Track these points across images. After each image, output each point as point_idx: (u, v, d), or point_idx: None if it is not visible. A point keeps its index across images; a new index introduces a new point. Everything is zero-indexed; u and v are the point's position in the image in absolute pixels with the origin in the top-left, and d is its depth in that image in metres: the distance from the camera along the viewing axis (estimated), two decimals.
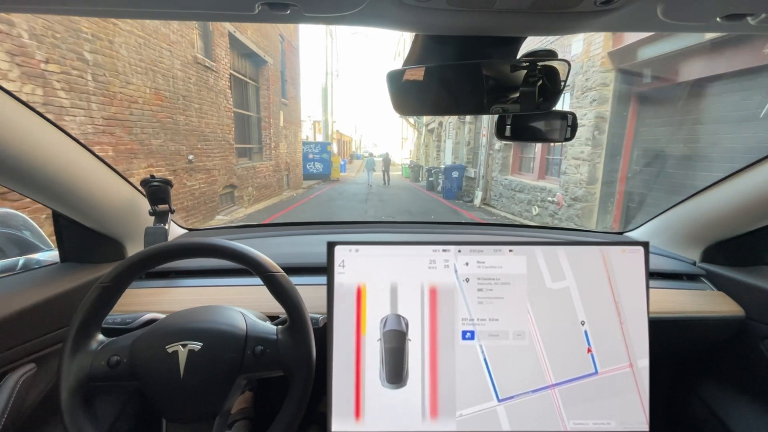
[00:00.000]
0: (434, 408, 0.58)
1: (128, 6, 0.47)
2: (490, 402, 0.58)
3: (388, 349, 0.59)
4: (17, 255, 1.10)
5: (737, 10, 0.42)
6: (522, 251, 0.60)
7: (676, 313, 0.82)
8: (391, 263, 0.60)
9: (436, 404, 0.58)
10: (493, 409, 0.58)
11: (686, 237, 0.98)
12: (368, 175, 16.07)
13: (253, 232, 1.21)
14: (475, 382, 0.58)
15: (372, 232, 1.17)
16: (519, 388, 0.58)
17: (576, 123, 0.67)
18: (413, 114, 0.78)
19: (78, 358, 0.54)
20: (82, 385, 0.53)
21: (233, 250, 0.58)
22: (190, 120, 5.70)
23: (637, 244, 0.61)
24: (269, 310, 0.73)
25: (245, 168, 8.09)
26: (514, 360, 0.59)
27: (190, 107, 5.70)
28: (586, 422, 0.58)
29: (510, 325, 0.59)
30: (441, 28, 0.51)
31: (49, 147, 0.65)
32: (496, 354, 0.59)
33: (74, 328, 0.54)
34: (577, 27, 0.49)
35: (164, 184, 0.89)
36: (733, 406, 0.85)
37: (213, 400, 0.55)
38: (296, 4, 0.42)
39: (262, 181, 9.11)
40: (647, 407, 0.59)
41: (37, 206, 0.76)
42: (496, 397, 0.58)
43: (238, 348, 0.56)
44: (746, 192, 0.79)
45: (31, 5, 0.49)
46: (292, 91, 12.28)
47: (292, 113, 12.28)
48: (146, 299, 0.81)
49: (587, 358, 0.59)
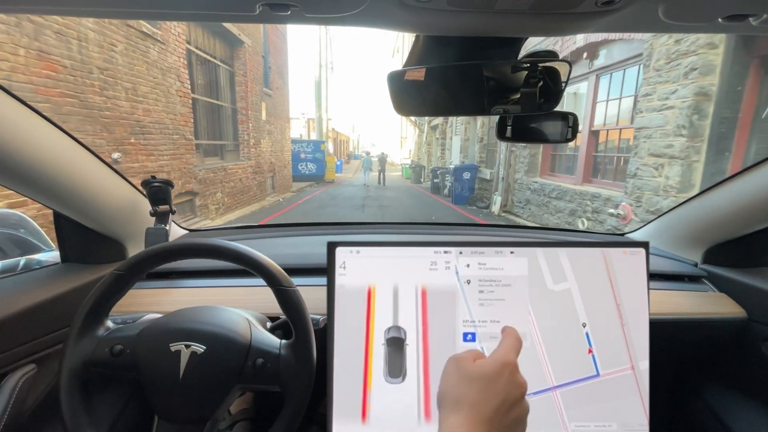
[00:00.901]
0: (434, 407, 0.57)
1: (128, 6, 0.47)
2: None
3: (389, 351, 0.59)
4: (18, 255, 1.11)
5: (738, 10, 0.42)
6: (523, 252, 0.60)
7: (678, 315, 0.82)
8: (392, 264, 0.60)
9: (436, 404, 0.58)
10: None
11: (688, 238, 0.97)
12: (365, 175, 15.78)
13: (253, 232, 1.21)
14: None
15: (373, 232, 1.17)
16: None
17: (577, 124, 0.67)
18: (414, 115, 0.78)
19: (83, 341, 0.55)
20: (83, 368, 0.54)
21: (254, 260, 0.58)
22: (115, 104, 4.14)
23: (638, 245, 0.61)
24: (270, 311, 0.73)
25: (212, 170, 6.57)
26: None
27: (115, 86, 4.14)
28: (587, 424, 0.58)
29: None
30: (442, 28, 0.51)
31: (51, 147, 0.65)
32: None
33: (84, 311, 0.55)
34: (578, 28, 0.49)
35: (165, 185, 0.89)
36: (735, 408, 0.85)
37: (206, 405, 0.55)
38: (297, 4, 0.42)
39: (237, 185, 7.66)
40: (648, 409, 0.59)
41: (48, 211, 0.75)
42: None
43: (239, 357, 0.56)
44: (748, 193, 0.79)
45: (31, 5, 0.49)
46: (278, 80, 10.72)
47: (278, 106, 10.70)
48: (147, 300, 0.81)
49: (588, 360, 0.59)
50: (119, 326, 0.59)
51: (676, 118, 3.67)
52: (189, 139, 5.80)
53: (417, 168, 17.13)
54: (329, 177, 15.44)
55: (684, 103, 3.57)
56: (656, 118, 3.94)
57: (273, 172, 10.15)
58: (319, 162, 14.67)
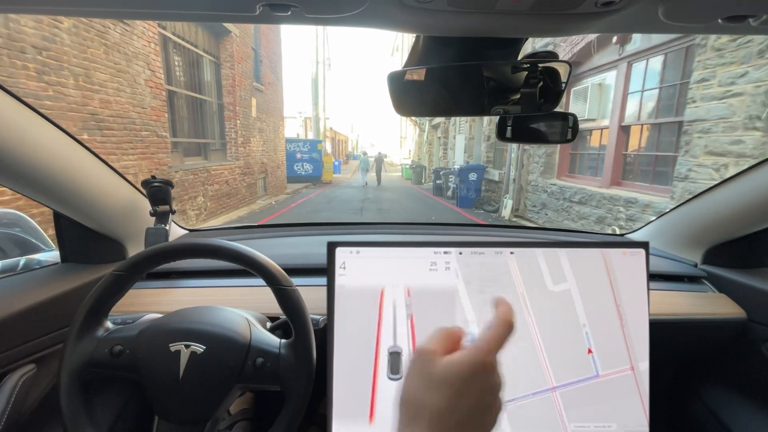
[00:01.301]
0: None
1: (128, 6, 0.47)
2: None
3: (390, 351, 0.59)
4: (18, 255, 1.11)
5: (738, 11, 0.42)
6: (523, 253, 0.60)
7: (677, 315, 0.82)
8: (392, 265, 0.60)
9: None
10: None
11: (687, 239, 0.97)
12: (362, 175, 15.60)
13: (253, 232, 1.22)
14: None
15: (373, 233, 1.18)
16: (520, 391, 0.58)
17: (577, 124, 0.67)
18: (414, 115, 0.78)
19: (83, 342, 0.55)
20: (82, 369, 0.54)
21: (253, 259, 0.58)
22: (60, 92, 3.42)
23: (638, 246, 0.61)
24: (270, 311, 0.73)
25: (192, 171, 5.82)
26: (515, 362, 0.58)
27: (60, 71, 3.40)
28: (587, 425, 0.58)
29: None
30: (442, 29, 0.51)
31: (51, 147, 0.65)
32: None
33: (83, 312, 0.55)
34: (578, 28, 0.49)
35: (165, 185, 0.90)
36: (735, 409, 0.85)
37: (207, 405, 0.55)
38: (297, 5, 0.42)
39: (222, 187, 6.90)
40: (648, 409, 0.59)
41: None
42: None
43: (239, 356, 0.56)
44: (748, 194, 0.79)
45: (31, 5, 0.50)
46: (270, 75, 9.97)
47: (271, 103, 9.98)
48: (148, 300, 0.81)
49: (588, 360, 0.59)
50: (119, 327, 0.59)
51: (747, 108, 2.91)
52: (162, 137, 5.09)
53: (418, 168, 16.75)
54: (326, 178, 14.93)
55: (759, 88, 2.84)
56: (717, 108, 3.20)
57: (265, 173, 9.43)
58: (315, 162, 14.06)
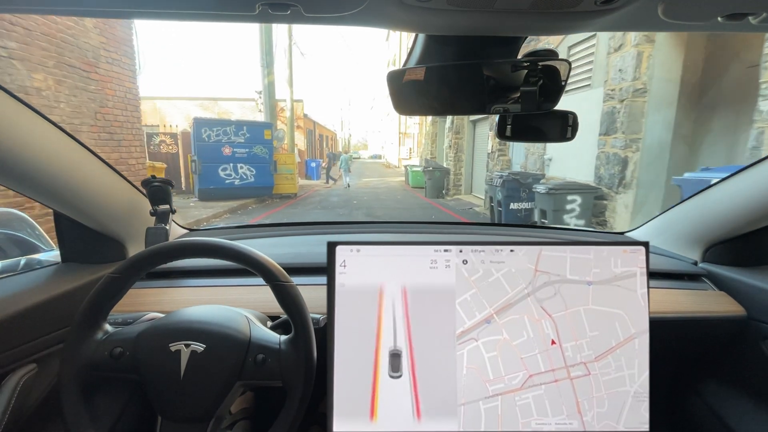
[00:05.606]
0: (435, 405, 0.58)
1: (128, 6, 0.47)
2: (493, 400, 0.58)
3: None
4: (19, 255, 1.11)
5: (738, 9, 0.42)
6: (523, 251, 0.60)
7: (677, 313, 0.82)
8: (392, 263, 0.60)
9: (437, 401, 0.58)
10: (496, 406, 0.58)
11: (687, 237, 0.97)
12: (344, 176, 13.36)
13: (253, 231, 1.22)
14: (476, 379, 0.58)
15: (373, 232, 1.18)
16: (521, 388, 0.58)
17: (577, 123, 0.67)
18: (414, 114, 0.79)
19: (82, 346, 0.54)
20: (83, 373, 0.54)
21: (249, 257, 0.58)
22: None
23: (638, 244, 0.61)
24: (270, 310, 0.73)
25: None
26: (516, 359, 0.59)
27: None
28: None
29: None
30: (441, 28, 0.51)
31: (51, 147, 0.65)
32: (498, 353, 0.59)
33: (81, 316, 0.55)
34: (578, 27, 0.49)
35: (165, 185, 0.89)
36: (734, 406, 0.85)
37: (209, 403, 0.55)
38: (296, 4, 0.42)
39: None
40: (648, 406, 0.59)
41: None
42: (499, 395, 0.58)
43: (239, 353, 0.56)
44: (748, 192, 0.79)
45: (31, 5, 0.50)
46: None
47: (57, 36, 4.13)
48: (148, 299, 0.81)
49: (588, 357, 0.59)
50: (118, 329, 0.59)
51: None
52: None
53: (436, 173, 10.20)
54: (285, 189, 9.17)
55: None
56: None
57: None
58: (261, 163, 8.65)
